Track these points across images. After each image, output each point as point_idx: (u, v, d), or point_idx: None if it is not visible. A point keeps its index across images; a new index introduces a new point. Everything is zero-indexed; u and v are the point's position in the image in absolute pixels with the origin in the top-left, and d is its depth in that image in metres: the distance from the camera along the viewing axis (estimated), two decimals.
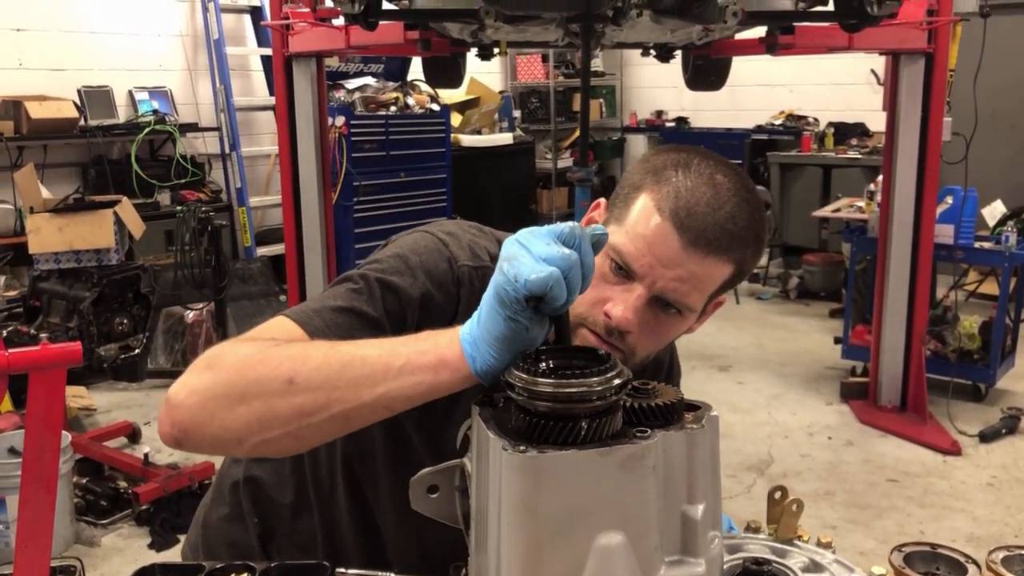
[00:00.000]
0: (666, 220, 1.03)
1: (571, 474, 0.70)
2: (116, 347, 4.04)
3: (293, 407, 0.87)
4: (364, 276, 1.10)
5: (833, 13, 3.18)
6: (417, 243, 1.15)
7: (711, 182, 1.05)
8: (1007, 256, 4.56)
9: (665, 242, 1.03)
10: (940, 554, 1.08)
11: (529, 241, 0.79)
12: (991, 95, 4.90)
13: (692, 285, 1.05)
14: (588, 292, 0.97)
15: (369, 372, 0.85)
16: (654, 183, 1.07)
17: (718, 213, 1.04)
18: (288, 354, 0.89)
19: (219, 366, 0.92)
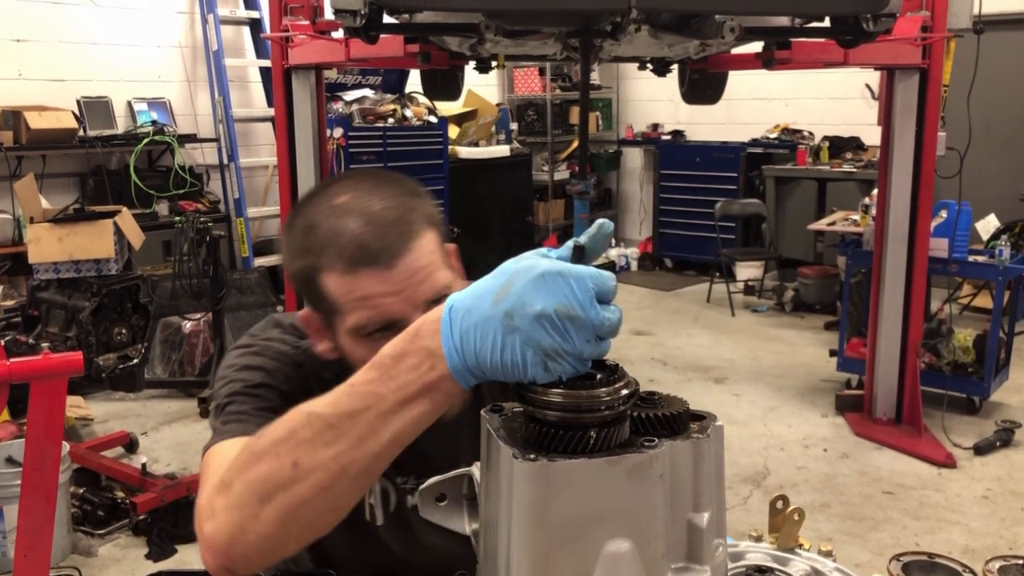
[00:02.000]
0: (358, 271, 1.06)
1: (580, 482, 0.72)
2: (115, 357, 4.05)
3: (312, 487, 0.85)
4: (231, 395, 1.16)
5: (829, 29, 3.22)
6: (242, 360, 1.21)
7: (343, 209, 1.08)
8: (1001, 270, 4.59)
9: (377, 282, 1.06)
10: (938, 563, 1.09)
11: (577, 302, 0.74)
12: (985, 110, 4.96)
13: (429, 273, 1.08)
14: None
15: (366, 422, 0.82)
16: (315, 259, 1.08)
17: (376, 222, 1.07)
18: (276, 440, 0.87)
19: (224, 484, 0.91)
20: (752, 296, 7.41)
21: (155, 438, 4.42)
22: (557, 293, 0.73)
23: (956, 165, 4.35)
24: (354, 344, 1.10)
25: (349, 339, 1.10)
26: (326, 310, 1.11)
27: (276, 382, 1.16)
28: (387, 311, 1.06)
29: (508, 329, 0.74)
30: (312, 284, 1.10)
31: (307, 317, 1.17)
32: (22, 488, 2.17)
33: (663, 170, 8.64)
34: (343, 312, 1.08)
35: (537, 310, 0.73)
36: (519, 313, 0.73)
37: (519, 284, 0.75)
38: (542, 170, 8.67)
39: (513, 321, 0.74)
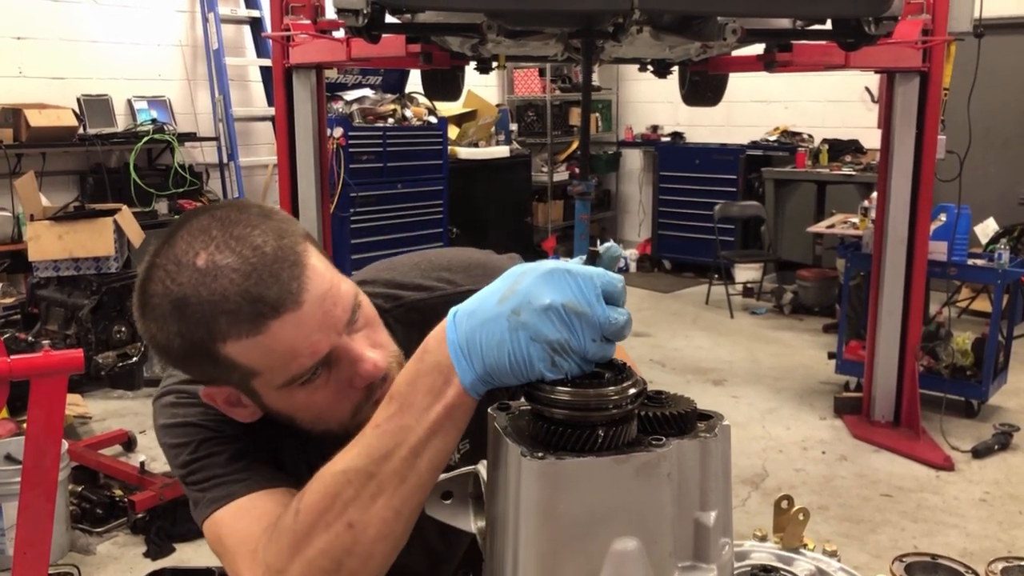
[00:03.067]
0: (267, 327, 0.92)
1: (588, 481, 0.72)
2: (114, 355, 4.05)
3: (375, 537, 0.84)
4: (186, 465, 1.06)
5: (831, 31, 3.22)
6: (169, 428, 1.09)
7: (210, 269, 0.91)
8: (1000, 273, 4.60)
9: (294, 327, 0.93)
10: (940, 564, 1.09)
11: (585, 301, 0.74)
12: (985, 114, 4.97)
13: (334, 297, 0.96)
14: (331, 403, 0.98)
15: (401, 459, 0.81)
16: (203, 334, 0.92)
17: (258, 266, 0.92)
18: (319, 508, 0.85)
19: (284, 567, 0.87)
20: (751, 298, 7.42)
21: (153, 437, 4.36)
22: (564, 288, 0.74)
23: (956, 168, 4.36)
24: (287, 397, 0.98)
25: (279, 394, 0.98)
26: (239, 378, 0.97)
27: (214, 431, 1.06)
28: (317, 350, 0.95)
29: (515, 325, 0.74)
30: (211, 359, 0.94)
31: (211, 394, 1.03)
32: (22, 486, 2.17)
33: (662, 172, 8.65)
34: (263, 373, 0.95)
35: (545, 303, 0.73)
36: (526, 308, 0.74)
37: (526, 281, 0.75)
38: (541, 171, 8.68)
39: (520, 317, 0.74)
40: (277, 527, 0.89)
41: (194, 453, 1.04)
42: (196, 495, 1.03)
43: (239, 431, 1.06)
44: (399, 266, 1.24)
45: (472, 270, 1.23)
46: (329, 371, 0.97)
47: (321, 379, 0.97)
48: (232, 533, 0.97)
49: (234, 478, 1.01)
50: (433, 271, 1.22)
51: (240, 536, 0.95)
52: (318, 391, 0.97)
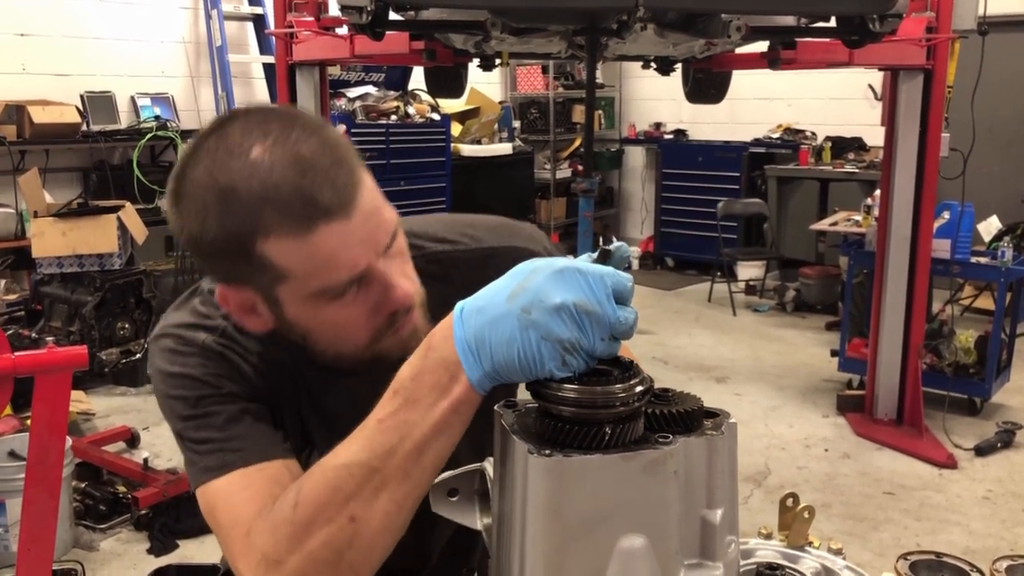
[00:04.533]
0: (313, 228, 0.90)
1: (595, 478, 0.72)
2: (117, 351, 4.05)
3: (377, 530, 0.85)
4: (184, 420, 1.03)
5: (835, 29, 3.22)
6: (166, 375, 1.06)
7: (266, 163, 0.90)
8: (1003, 271, 4.60)
9: (339, 235, 0.92)
10: (945, 562, 1.10)
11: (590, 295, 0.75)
12: (988, 112, 4.95)
13: (378, 215, 0.96)
14: (351, 324, 0.97)
15: (405, 454, 0.82)
16: (248, 226, 0.90)
17: (315, 168, 0.90)
18: (321, 500, 0.85)
19: (274, 562, 0.87)
20: (754, 296, 7.41)
21: (157, 433, 4.42)
22: (575, 287, 0.74)
23: (959, 166, 4.35)
24: (311, 310, 0.96)
25: (305, 305, 0.96)
26: (267, 281, 0.94)
27: (213, 388, 1.03)
28: (354, 265, 0.93)
29: (525, 324, 0.74)
30: (245, 255, 0.92)
31: (227, 296, 1.00)
32: (26, 482, 2.17)
33: (665, 169, 8.65)
34: (297, 278, 0.93)
35: (556, 302, 0.73)
36: (537, 307, 0.74)
37: (537, 280, 0.75)
38: (544, 168, 8.67)
39: (531, 315, 0.74)
40: (274, 517, 0.88)
41: (192, 409, 1.02)
42: (191, 456, 1.01)
43: (238, 387, 1.04)
44: (424, 219, 1.24)
45: (498, 230, 1.24)
46: (358, 291, 0.96)
47: (349, 297, 0.96)
48: (225, 510, 0.96)
49: (230, 446, 0.99)
50: (457, 227, 1.23)
51: (233, 514, 0.94)
52: (343, 309, 0.96)
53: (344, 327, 0.98)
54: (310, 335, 1.00)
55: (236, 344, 1.06)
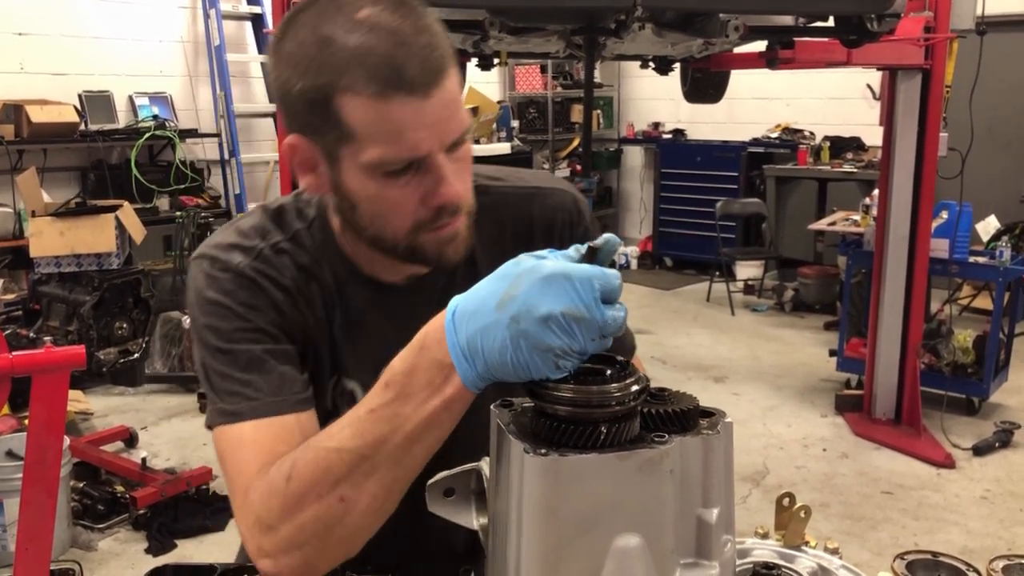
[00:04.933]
0: (390, 96, 0.92)
1: (591, 477, 0.72)
2: (116, 351, 4.05)
3: (362, 512, 0.88)
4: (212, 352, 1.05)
5: (833, 29, 3.22)
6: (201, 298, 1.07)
7: (367, 24, 0.92)
8: (1001, 271, 4.60)
9: (412, 110, 0.93)
10: (942, 562, 1.10)
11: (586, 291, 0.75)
12: (987, 111, 4.95)
13: (457, 110, 0.97)
14: (396, 208, 0.98)
15: (396, 445, 0.84)
16: (334, 78, 0.93)
17: (409, 44, 0.93)
18: (313, 481, 0.88)
19: (268, 527, 0.92)
20: (752, 296, 7.42)
21: (155, 433, 4.42)
22: (563, 295, 0.74)
23: (957, 166, 4.35)
24: (363, 179, 0.97)
25: (361, 174, 0.97)
26: (334, 138, 0.96)
27: (243, 320, 1.04)
28: (417, 146, 0.95)
29: (516, 333, 0.74)
30: (323, 106, 0.94)
31: (296, 145, 1.01)
32: (23, 482, 2.17)
33: (664, 169, 8.65)
34: (361, 142, 0.95)
35: (544, 312, 0.73)
36: (526, 317, 0.74)
37: (524, 287, 0.75)
38: (543, 168, 8.67)
39: (520, 325, 0.74)
40: (269, 484, 0.91)
41: (220, 342, 1.04)
42: (210, 392, 1.04)
43: (266, 320, 1.05)
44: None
45: (539, 174, 1.28)
46: (413, 176, 0.97)
47: (404, 179, 0.97)
48: (232, 458, 0.99)
49: (246, 392, 1.01)
50: (503, 170, 1.25)
51: (238, 467, 0.98)
52: (395, 189, 0.97)
53: (391, 207, 0.99)
54: (357, 208, 1.01)
55: (271, 267, 1.08)
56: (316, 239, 1.11)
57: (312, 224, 1.13)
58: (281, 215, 1.13)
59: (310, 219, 1.13)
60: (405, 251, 1.02)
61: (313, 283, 1.10)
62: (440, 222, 1.00)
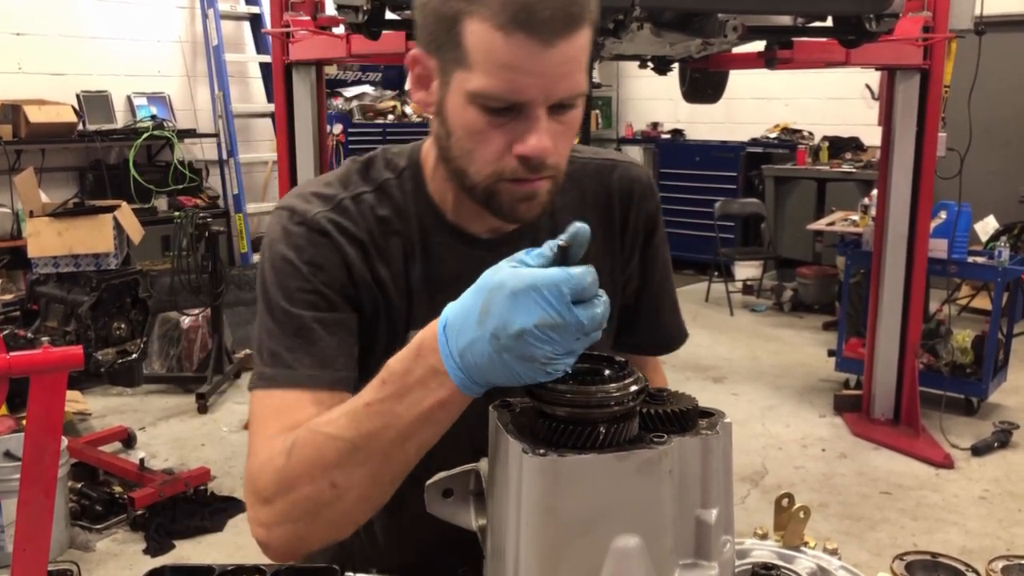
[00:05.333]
0: (514, 33, 0.91)
1: (590, 477, 0.72)
2: (114, 352, 4.04)
3: (354, 499, 0.91)
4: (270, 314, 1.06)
5: (832, 29, 3.22)
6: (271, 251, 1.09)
7: None
8: (1000, 271, 4.60)
9: (529, 53, 0.91)
10: (941, 563, 1.09)
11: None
12: (985, 111, 4.96)
13: (574, 71, 0.95)
14: (485, 147, 0.97)
15: (388, 440, 0.86)
16: (469, 6, 0.93)
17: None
18: (310, 461, 0.91)
19: (269, 497, 0.95)
20: (751, 296, 7.42)
21: (153, 433, 4.42)
22: (533, 308, 0.74)
23: (956, 166, 4.35)
24: (464, 108, 0.96)
25: (462, 100, 0.96)
26: (452, 59, 0.95)
27: (304, 281, 1.05)
28: (522, 91, 0.93)
29: (499, 348, 0.75)
30: (450, 25, 0.94)
31: (418, 59, 1.01)
32: (21, 482, 2.16)
33: (662, 169, 8.64)
34: (473, 69, 0.94)
35: (518, 329, 0.74)
36: (503, 334, 0.75)
37: (495, 304, 0.76)
38: None
39: (500, 341, 0.75)
40: (271, 460, 0.94)
41: (277, 299, 1.05)
42: (256, 350, 1.06)
43: (330, 278, 1.05)
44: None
45: (611, 151, 1.28)
46: (509, 120, 0.96)
47: (501, 119, 0.96)
48: (256, 423, 1.02)
49: (287, 360, 1.01)
50: (579, 145, 1.25)
51: (259, 428, 1.01)
52: (487, 126, 0.96)
53: (480, 143, 0.98)
54: (452, 135, 1.01)
55: (347, 218, 1.08)
56: (405, 188, 1.12)
57: (402, 174, 1.13)
58: (369, 166, 1.14)
59: (400, 169, 1.13)
60: (482, 195, 1.01)
61: (393, 236, 1.10)
62: (520, 176, 0.99)
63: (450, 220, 1.11)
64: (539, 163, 0.97)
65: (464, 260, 1.08)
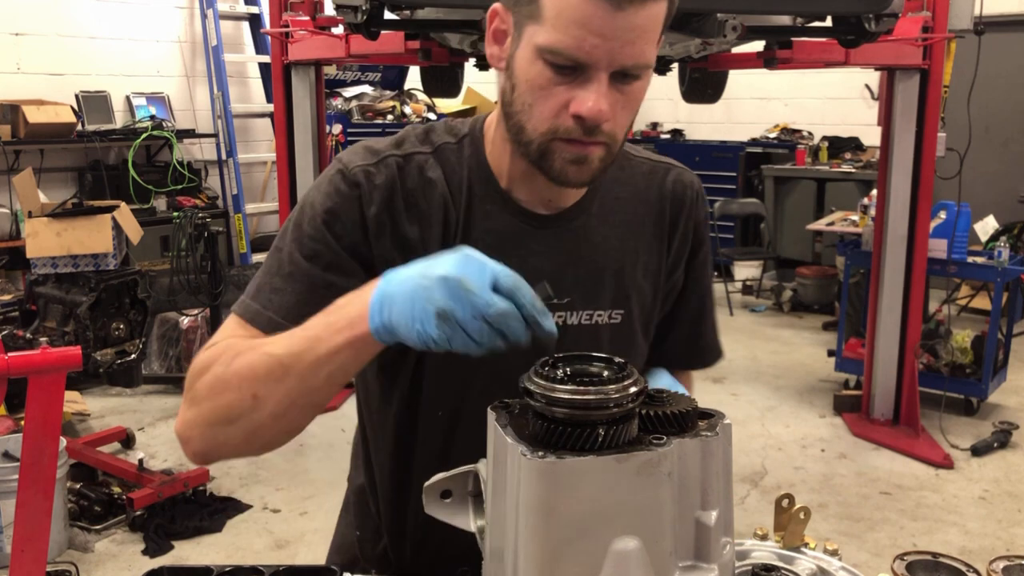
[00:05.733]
0: None
1: (589, 479, 0.72)
2: (112, 352, 4.03)
3: (268, 415, 0.98)
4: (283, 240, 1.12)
5: (831, 28, 3.21)
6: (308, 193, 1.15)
7: None
8: (999, 271, 4.60)
9: (598, 15, 0.93)
10: (941, 563, 1.09)
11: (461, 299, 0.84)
12: (985, 112, 4.96)
13: (642, 40, 0.96)
14: (544, 103, 0.99)
15: (307, 365, 0.95)
16: None
17: None
18: (240, 374, 0.99)
19: (198, 399, 1.02)
20: (750, 296, 7.41)
21: (152, 434, 4.41)
22: (465, 267, 0.85)
23: (955, 166, 4.35)
24: (531, 62, 0.99)
25: (530, 54, 0.99)
26: (526, 13, 0.98)
27: (317, 230, 1.08)
28: (587, 52, 0.95)
29: (418, 287, 0.85)
30: None
31: (497, 12, 1.04)
32: (19, 483, 2.16)
33: None
34: (543, 24, 0.96)
35: (441, 274, 0.85)
36: (429, 275, 0.85)
37: (443, 257, 0.87)
38: None
39: (423, 282, 0.85)
40: (213, 364, 1.01)
41: (288, 237, 1.10)
42: (255, 278, 1.11)
43: (344, 234, 1.09)
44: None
45: (664, 156, 1.31)
46: (572, 79, 0.97)
47: (563, 77, 0.97)
48: (220, 337, 1.08)
49: (267, 300, 1.08)
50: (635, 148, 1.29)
51: (217, 337, 1.08)
52: (549, 82, 0.98)
53: (541, 98, 1.00)
54: (516, 88, 1.02)
55: (385, 174, 1.11)
56: (462, 153, 1.14)
57: (462, 140, 1.16)
58: (430, 131, 1.17)
59: (461, 135, 1.16)
60: (536, 152, 1.03)
61: (437, 199, 1.12)
62: (576, 135, 1.00)
63: (503, 187, 1.13)
64: (594, 126, 0.98)
65: (508, 228, 1.12)
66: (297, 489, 3.81)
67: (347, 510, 1.39)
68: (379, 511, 1.27)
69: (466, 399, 1.14)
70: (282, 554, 3.30)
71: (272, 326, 1.05)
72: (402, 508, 1.24)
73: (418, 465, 1.20)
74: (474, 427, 0.90)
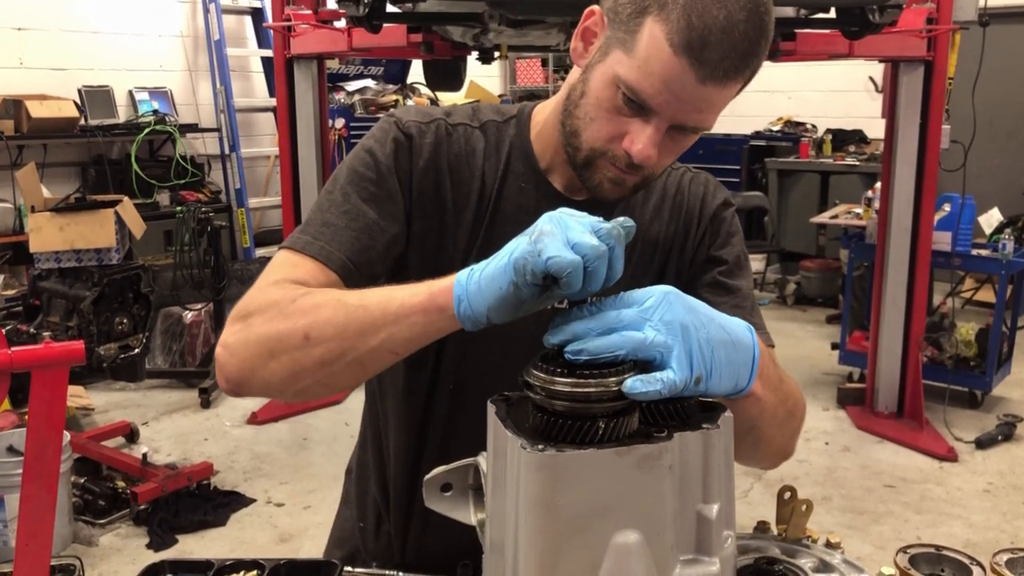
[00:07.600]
0: (680, 55, 0.97)
1: (589, 473, 0.71)
2: (116, 347, 4.03)
3: (314, 359, 0.95)
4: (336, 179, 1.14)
5: (835, 20, 3.20)
6: (362, 141, 1.19)
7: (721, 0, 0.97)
8: (1004, 264, 4.58)
9: (682, 79, 0.98)
10: (945, 556, 1.09)
11: (565, 223, 0.79)
12: (989, 104, 4.93)
13: (711, 110, 1.03)
14: (604, 125, 1.05)
15: (371, 320, 0.92)
16: (659, 7, 0.98)
17: (733, 36, 0.96)
18: (303, 309, 0.97)
19: (249, 324, 1.00)
20: (754, 289, 7.39)
21: (156, 428, 4.42)
22: (567, 223, 0.79)
23: (960, 158, 4.33)
24: (607, 83, 1.03)
25: (609, 77, 1.03)
26: (620, 39, 1.02)
27: (375, 172, 1.12)
28: (659, 103, 1.00)
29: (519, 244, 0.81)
30: (637, 12, 1.00)
31: (595, 15, 1.07)
32: (23, 477, 2.16)
33: None
34: (631, 59, 1.00)
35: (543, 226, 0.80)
36: (533, 232, 0.80)
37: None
38: None
39: (529, 238, 0.80)
40: (282, 291, 1.00)
41: (342, 180, 1.12)
42: (309, 214, 1.12)
43: (396, 183, 1.12)
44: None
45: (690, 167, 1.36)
46: (634, 115, 1.03)
47: (628, 110, 1.03)
48: (272, 268, 1.08)
49: (326, 234, 1.07)
50: None
51: (270, 272, 1.07)
52: (616, 109, 1.03)
53: (601, 119, 1.05)
54: (584, 96, 1.07)
55: (435, 135, 1.15)
56: (507, 132, 1.19)
57: (508, 120, 1.21)
58: (477, 109, 1.22)
59: (508, 116, 1.22)
60: (582, 160, 1.08)
61: (476, 167, 1.17)
62: (620, 164, 1.06)
63: (541, 167, 1.18)
64: (639, 166, 1.06)
65: (540, 206, 1.11)
66: (301, 483, 3.81)
67: (347, 503, 1.39)
68: (388, 500, 1.27)
69: (483, 379, 1.14)
70: (286, 548, 3.30)
71: (324, 255, 1.06)
72: (411, 496, 1.25)
73: (430, 450, 1.22)
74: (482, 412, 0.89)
